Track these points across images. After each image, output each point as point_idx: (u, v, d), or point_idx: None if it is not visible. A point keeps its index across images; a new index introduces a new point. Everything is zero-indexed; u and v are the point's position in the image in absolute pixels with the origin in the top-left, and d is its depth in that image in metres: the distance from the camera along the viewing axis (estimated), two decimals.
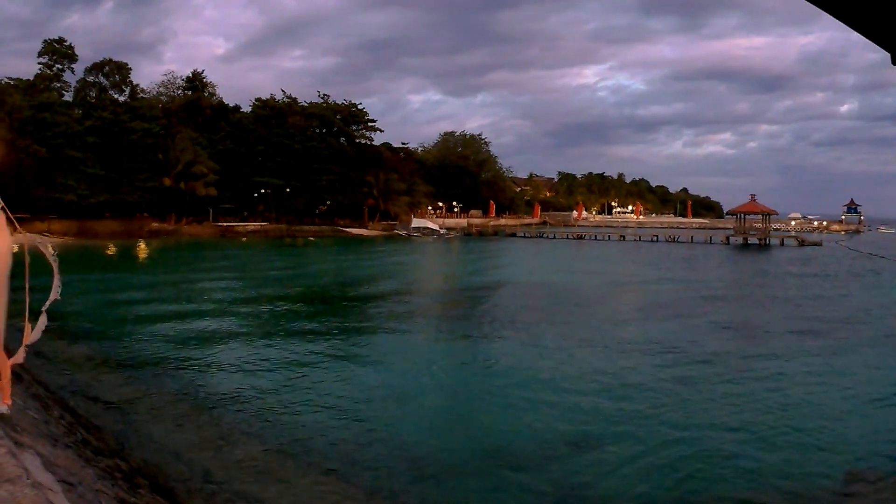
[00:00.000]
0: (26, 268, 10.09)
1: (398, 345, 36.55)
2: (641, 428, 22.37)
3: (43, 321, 10.48)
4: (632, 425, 22.63)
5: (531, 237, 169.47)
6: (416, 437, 21.38)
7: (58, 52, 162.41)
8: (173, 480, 16.49)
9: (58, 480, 9.37)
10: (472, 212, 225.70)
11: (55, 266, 10.08)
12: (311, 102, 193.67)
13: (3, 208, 10.28)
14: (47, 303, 10.25)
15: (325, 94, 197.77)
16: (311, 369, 30.27)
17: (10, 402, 10.56)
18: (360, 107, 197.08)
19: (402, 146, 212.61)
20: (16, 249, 10.37)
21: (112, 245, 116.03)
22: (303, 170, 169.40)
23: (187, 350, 34.34)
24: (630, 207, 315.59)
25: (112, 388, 26.24)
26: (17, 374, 10.57)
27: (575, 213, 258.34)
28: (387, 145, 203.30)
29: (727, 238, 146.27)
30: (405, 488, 17.34)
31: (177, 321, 42.72)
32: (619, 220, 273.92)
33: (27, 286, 9.95)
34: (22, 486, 7.55)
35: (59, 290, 10.21)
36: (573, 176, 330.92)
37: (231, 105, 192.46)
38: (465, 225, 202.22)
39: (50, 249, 10.13)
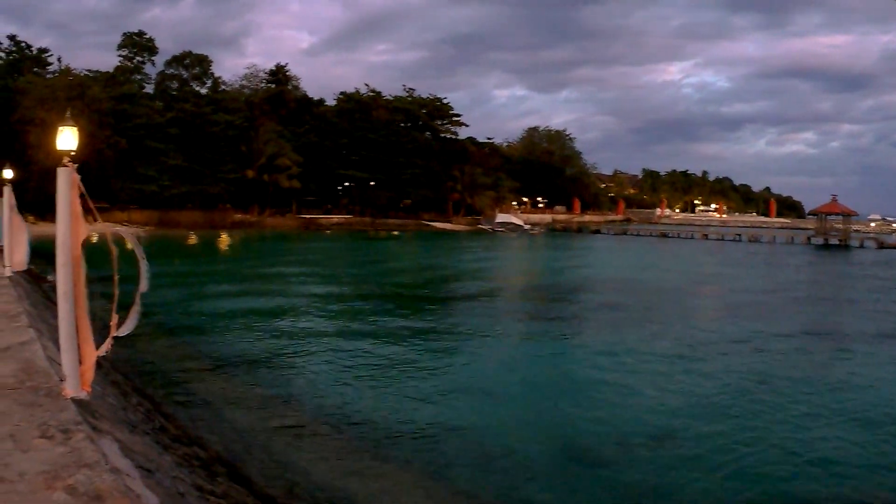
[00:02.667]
0: (113, 258, 10.12)
1: (480, 340, 36.37)
2: (720, 427, 22.08)
3: (135, 313, 10.50)
4: (710, 425, 22.31)
5: (615, 234, 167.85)
6: (497, 431, 21.27)
7: (138, 44, 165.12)
8: (252, 469, 16.54)
9: (136, 466, 9.39)
10: (557, 207, 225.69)
11: (141, 257, 10.08)
12: (395, 96, 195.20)
13: (83, 196, 10.35)
14: (137, 295, 10.26)
15: (410, 88, 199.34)
16: (392, 362, 30.23)
17: (89, 388, 10.60)
18: (445, 101, 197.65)
19: (487, 141, 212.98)
20: (94, 239, 10.44)
21: (193, 235, 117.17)
22: (387, 163, 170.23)
23: (267, 340, 34.59)
24: (713, 206, 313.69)
25: (191, 376, 26.51)
26: (97, 361, 10.60)
27: (658, 210, 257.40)
28: (471, 140, 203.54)
29: (808, 238, 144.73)
30: (486, 484, 17.25)
31: (257, 311, 43.03)
32: (702, 218, 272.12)
33: (115, 277, 9.99)
34: (100, 471, 7.56)
35: (147, 282, 10.21)
36: (657, 173, 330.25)
37: (315, 98, 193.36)
38: (550, 221, 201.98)
39: (134, 239, 10.14)
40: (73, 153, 10.87)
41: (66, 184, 10.19)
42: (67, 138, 11.14)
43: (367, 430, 20.85)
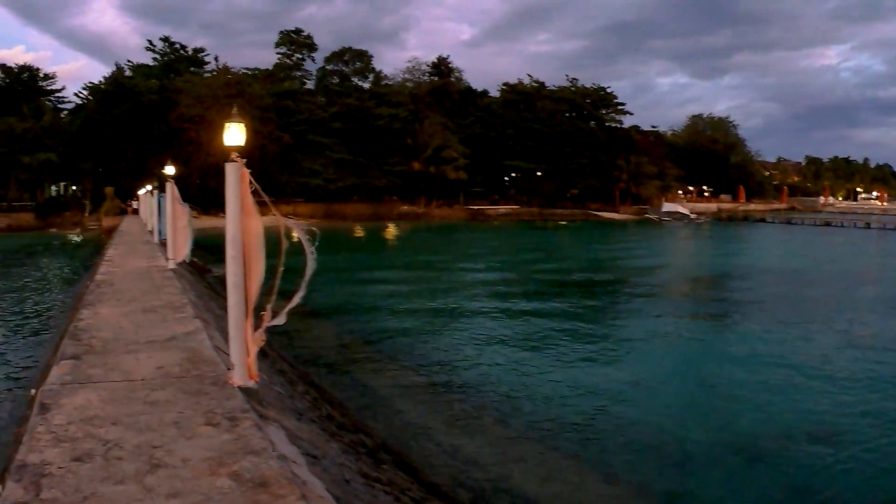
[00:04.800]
0: (281, 250, 10.30)
1: (644, 330, 35.95)
2: (885, 426, 21.65)
3: (294, 302, 10.63)
4: (875, 423, 21.87)
5: (780, 223, 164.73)
6: (658, 421, 21.10)
7: (295, 42, 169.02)
8: (417, 457, 16.69)
9: (302, 453, 9.57)
10: (722, 196, 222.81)
11: (310, 251, 10.19)
12: (559, 86, 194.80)
13: (255, 189, 10.60)
14: (302, 288, 10.39)
15: (573, 78, 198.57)
16: (556, 353, 30.08)
17: (256, 377, 10.82)
18: (608, 90, 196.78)
19: (651, 129, 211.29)
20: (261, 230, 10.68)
21: (360, 227, 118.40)
22: (553, 154, 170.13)
23: (433, 329, 34.90)
24: (874, 194, 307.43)
25: (357, 365, 26.92)
26: (263, 351, 10.83)
27: (822, 198, 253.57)
28: (636, 128, 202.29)
29: None
30: (648, 474, 17.14)
31: (423, 300, 43.50)
32: (864, 206, 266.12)
33: (279, 269, 10.17)
34: (267, 457, 7.73)
35: (310, 275, 10.33)
36: (819, 160, 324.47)
37: (479, 90, 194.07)
38: (715, 210, 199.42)
39: (303, 233, 10.25)
40: (240, 148, 11.12)
41: (235, 178, 10.48)
42: (234, 134, 11.41)
43: (531, 418, 20.91)
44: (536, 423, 20.43)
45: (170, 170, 32.40)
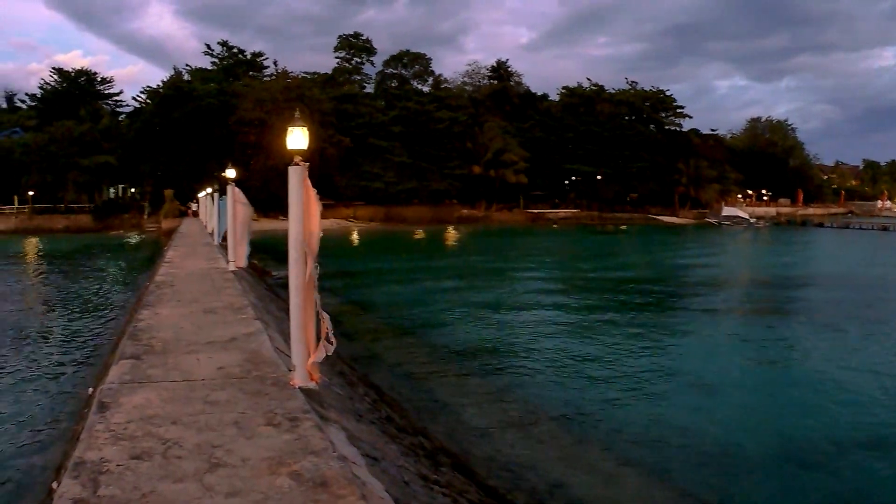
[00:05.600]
0: (309, 262, 10.38)
1: (706, 334, 35.75)
2: None
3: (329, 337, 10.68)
4: None
5: (838, 227, 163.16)
6: (713, 427, 20.87)
7: (354, 46, 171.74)
8: (475, 460, 16.64)
9: (362, 454, 9.61)
10: (781, 200, 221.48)
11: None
12: (618, 90, 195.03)
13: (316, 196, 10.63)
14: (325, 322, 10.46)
15: (632, 81, 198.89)
16: (612, 356, 29.84)
17: (318, 379, 10.83)
18: (667, 93, 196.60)
19: (710, 133, 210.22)
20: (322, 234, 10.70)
21: (419, 230, 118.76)
22: (613, 157, 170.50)
23: (489, 332, 34.72)
24: None
25: (416, 368, 26.82)
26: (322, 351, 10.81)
27: (879, 202, 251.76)
28: (695, 132, 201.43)
29: None
30: (702, 481, 16.98)
31: (481, 304, 43.27)
32: None
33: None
34: (327, 458, 7.77)
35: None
36: (877, 164, 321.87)
37: (538, 93, 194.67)
38: (774, 214, 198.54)
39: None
40: (303, 152, 11.17)
41: (298, 181, 10.57)
42: (298, 138, 11.45)
43: (591, 421, 20.79)
44: (597, 427, 20.32)
45: (231, 173, 32.54)
